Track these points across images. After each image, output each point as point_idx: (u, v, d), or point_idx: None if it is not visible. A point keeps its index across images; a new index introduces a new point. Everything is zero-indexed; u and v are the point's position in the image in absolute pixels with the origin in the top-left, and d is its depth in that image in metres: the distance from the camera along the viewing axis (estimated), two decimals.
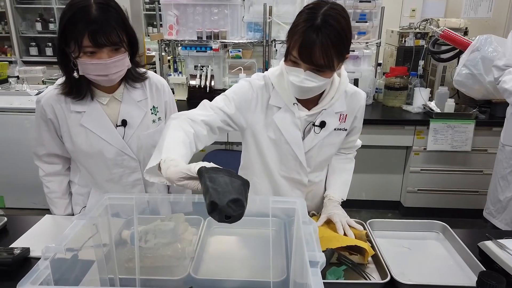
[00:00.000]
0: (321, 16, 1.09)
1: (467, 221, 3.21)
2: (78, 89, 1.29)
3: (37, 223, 1.43)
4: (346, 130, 1.38)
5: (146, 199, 1.02)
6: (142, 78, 1.39)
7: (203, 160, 2.86)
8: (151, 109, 1.42)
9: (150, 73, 1.45)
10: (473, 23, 3.57)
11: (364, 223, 1.39)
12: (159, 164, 0.97)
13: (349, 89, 1.35)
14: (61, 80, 1.33)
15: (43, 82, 3.67)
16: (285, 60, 1.20)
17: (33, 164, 1.48)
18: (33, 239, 1.33)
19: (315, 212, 1.42)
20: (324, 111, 1.31)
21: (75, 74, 1.24)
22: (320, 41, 1.07)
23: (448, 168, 3.09)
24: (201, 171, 0.87)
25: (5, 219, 1.40)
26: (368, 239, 1.28)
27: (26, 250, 1.22)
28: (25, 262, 1.20)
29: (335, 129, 1.35)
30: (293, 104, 1.29)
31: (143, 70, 1.41)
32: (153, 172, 1.00)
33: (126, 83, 1.36)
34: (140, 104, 1.40)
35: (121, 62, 1.23)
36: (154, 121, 1.43)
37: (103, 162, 1.39)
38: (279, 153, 1.36)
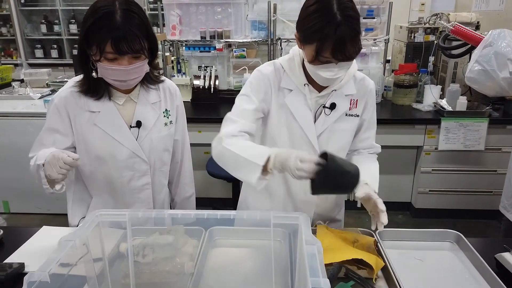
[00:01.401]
0: (339, 12, 1.09)
1: (480, 222, 3.12)
2: (96, 88, 1.29)
3: (34, 236, 1.39)
4: (358, 116, 1.37)
5: (140, 216, 0.96)
6: (158, 80, 1.40)
7: (208, 162, 2.78)
8: (163, 112, 1.41)
9: (162, 77, 1.45)
10: (485, 17, 3.45)
11: (373, 232, 1.33)
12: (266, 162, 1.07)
13: (358, 74, 1.37)
14: (75, 79, 1.33)
15: (47, 85, 3.65)
16: (311, 62, 1.18)
17: None
18: (29, 253, 1.29)
19: (321, 221, 1.34)
20: (334, 93, 1.32)
21: (94, 74, 1.24)
22: (350, 36, 1.10)
23: (461, 168, 3.00)
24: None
25: (1, 231, 1.36)
26: (377, 248, 1.21)
27: (21, 266, 1.18)
28: (19, 278, 1.15)
29: (346, 115, 1.35)
30: (304, 85, 1.30)
31: (158, 73, 1.41)
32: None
33: (143, 84, 1.36)
34: (154, 106, 1.39)
35: (141, 69, 1.23)
36: (166, 124, 1.42)
37: (113, 165, 1.36)
38: (291, 140, 1.35)
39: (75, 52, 5.53)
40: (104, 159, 1.35)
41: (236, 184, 2.96)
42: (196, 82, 3.27)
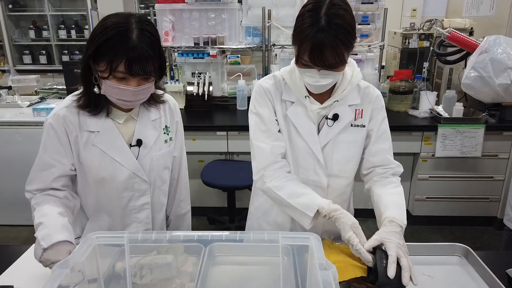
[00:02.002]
0: (324, 17, 1.07)
1: (478, 228, 3.10)
2: (96, 104, 1.23)
3: (23, 255, 1.32)
4: (364, 126, 1.32)
5: (139, 238, 0.90)
6: (160, 101, 1.35)
7: (203, 171, 2.73)
8: (163, 129, 1.36)
9: (164, 95, 1.40)
10: (476, 22, 3.46)
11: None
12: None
13: (362, 83, 1.33)
14: (70, 97, 1.26)
15: (36, 92, 3.56)
16: (296, 63, 1.19)
17: (25, 179, 1.31)
18: (18, 274, 1.22)
19: (326, 237, 1.29)
20: (336, 103, 1.28)
21: (96, 89, 1.19)
22: (329, 43, 1.07)
23: (458, 174, 2.98)
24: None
25: None
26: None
27: None
28: None
29: (352, 125, 1.31)
30: (305, 97, 1.27)
31: (160, 92, 1.36)
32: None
33: (144, 103, 1.30)
34: (155, 123, 1.34)
35: (147, 90, 1.19)
36: (166, 141, 1.37)
37: (112, 186, 1.29)
38: (295, 152, 1.32)
39: (64, 58, 5.44)
40: (103, 180, 1.27)
41: (231, 193, 2.91)
42: (189, 88, 3.22)
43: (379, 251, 1.08)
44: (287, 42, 3.19)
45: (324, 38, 1.06)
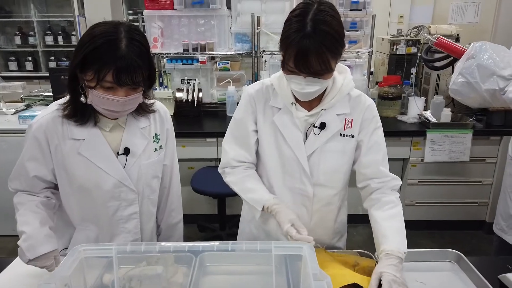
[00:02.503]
0: (310, 23, 1.06)
1: (467, 233, 3.12)
2: (82, 113, 1.20)
3: (7, 268, 1.28)
4: (353, 136, 1.29)
5: (128, 250, 0.88)
6: (149, 110, 1.31)
7: (193, 178, 2.70)
8: (153, 137, 1.33)
9: (155, 104, 1.36)
10: (461, 29, 3.52)
11: (372, 255, 1.27)
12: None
13: (354, 92, 1.30)
14: (58, 102, 1.23)
15: (22, 99, 3.50)
16: (282, 69, 1.18)
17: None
18: (4, 287, 1.18)
19: (319, 245, 1.28)
20: (323, 112, 1.26)
21: (82, 98, 1.16)
22: (314, 49, 1.05)
23: (446, 179, 3.00)
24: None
25: None
26: None
27: None
28: None
29: (340, 135, 1.28)
30: (291, 103, 1.26)
31: (151, 101, 1.32)
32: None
33: (133, 112, 1.26)
34: (144, 131, 1.31)
35: (135, 100, 1.16)
36: (155, 149, 1.34)
37: (98, 195, 1.26)
38: (281, 160, 1.30)
39: (51, 64, 5.37)
40: (88, 189, 1.25)
41: (221, 200, 2.88)
42: (179, 95, 3.19)
43: None
44: (276, 48, 3.16)
45: (309, 44, 1.05)
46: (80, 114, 1.20)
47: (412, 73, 3.24)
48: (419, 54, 3.21)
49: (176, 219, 1.49)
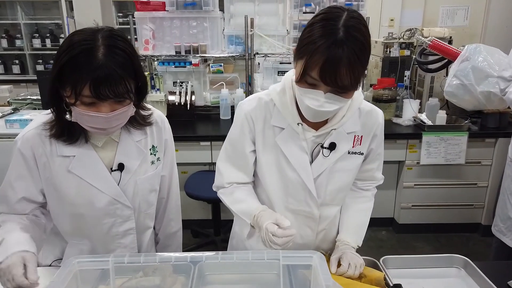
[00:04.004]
0: (343, 28, 0.92)
1: (462, 235, 3.11)
2: (70, 132, 1.08)
3: None
4: (362, 154, 1.20)
5: (126, 261, 0.82)
6: (145, 123, 1.19)
7: (186, 182, 2.61)
8: (150, 149, 1.22)
9: (152, 113, 1.24)
10: (454, 31, 3.54)
11: (377, 261, 1.23)
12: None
13: (363, 106, 1.18)
14: (44, 118, 1.11)
15: (9, 103, 3.40)
16: (297, 82, 1.01)
17: None
18: None
19: (322, 251, 1.23)
20: (334, 131, 1.14)
21: (68, 116, 1.04)
22: (346, 58, 0.91)
23: (442, 182, 2.99)
24: None
25: None
26: (386, 282, 1.11)
27: None
28: None
29: (349, 152, 1.18)
30: (298, 124, 1.13)
31: (148, 112, 1.20)
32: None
33: (126, 125, 1.15)
34: (139, 144, 1.19)
35: (124, 114, 1.04)
36: (153, 162, 1.23)
37: (91, 214, 1.16)
38: (284, 182, 1.19)
39: (38, 67, 5.26)
40: (80, 206, 1.15)
41: (216, 205, 2.82)
42: (171, 98, 3.13)
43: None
44: (270, 50, 3.16)
45: (341, 53, 0.90)
46: (68, 133, 1.08)
47: (406, 76, 3.23)
48: (413, 56, 3.21)
49: (174, 228, 1.41)
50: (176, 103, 3.11)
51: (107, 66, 0.94)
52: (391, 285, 1.07)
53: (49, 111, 1.10)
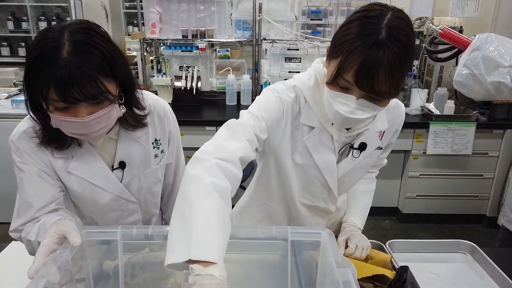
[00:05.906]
0: (386, 28, 0.82)
1: (466, 226, 3.10)
2: (59, 139, 0.99)
3: (2, 252, 1.21)
4: (381, 148, 1.16)
5: (134, 234, 0.82)
6: (141, 124, 1.09)
7: None
8: (152, 143, 1.15)
9: (150, 98, 1.14)
10: (464, 21, 3.49)
11: (383, 245, 1.23)
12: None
13: (391, 102, 1.12)
14: (29, 121, 1.02)
15: (15, 85, 3.41)
16: (328, 83, 0.92)
17: (2, 173, 1.16)
18: None
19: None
20: (367, 131, 1.08)
21: (51, 122, 0.94)
22: (387, 62, 0.81)
23: (448, 172, 2.97)
24: None
25: None
26: (392, 265, 1.11)
27: None
28: None
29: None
30: (332, 124, 1.04)
31: (144, 112, 1.10)
32: (177, 267, 0.77)
33: (123, 125, 1.07)
34: (141, 140, 1.12)
35: (106, 117, 0.93)
36: (156, 155, 1.17)
37: (96, 208, 1.14)
38: (305, 179, 1.13)
39: None
40: (83, 203, 1.12)
41: None
42: (177, 83, 3.12)
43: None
44: (277, 36, 3.13)
45: (382, 55, 0.81)
46: (57, 140, 0.99)
47: (414, 65, 3.19)
48: (423, 45, 3.16)
49: None
50: (182, 88, 3.10)
51: (72, 65, 0.83)
52: (398, 267, 1.06)
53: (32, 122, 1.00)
